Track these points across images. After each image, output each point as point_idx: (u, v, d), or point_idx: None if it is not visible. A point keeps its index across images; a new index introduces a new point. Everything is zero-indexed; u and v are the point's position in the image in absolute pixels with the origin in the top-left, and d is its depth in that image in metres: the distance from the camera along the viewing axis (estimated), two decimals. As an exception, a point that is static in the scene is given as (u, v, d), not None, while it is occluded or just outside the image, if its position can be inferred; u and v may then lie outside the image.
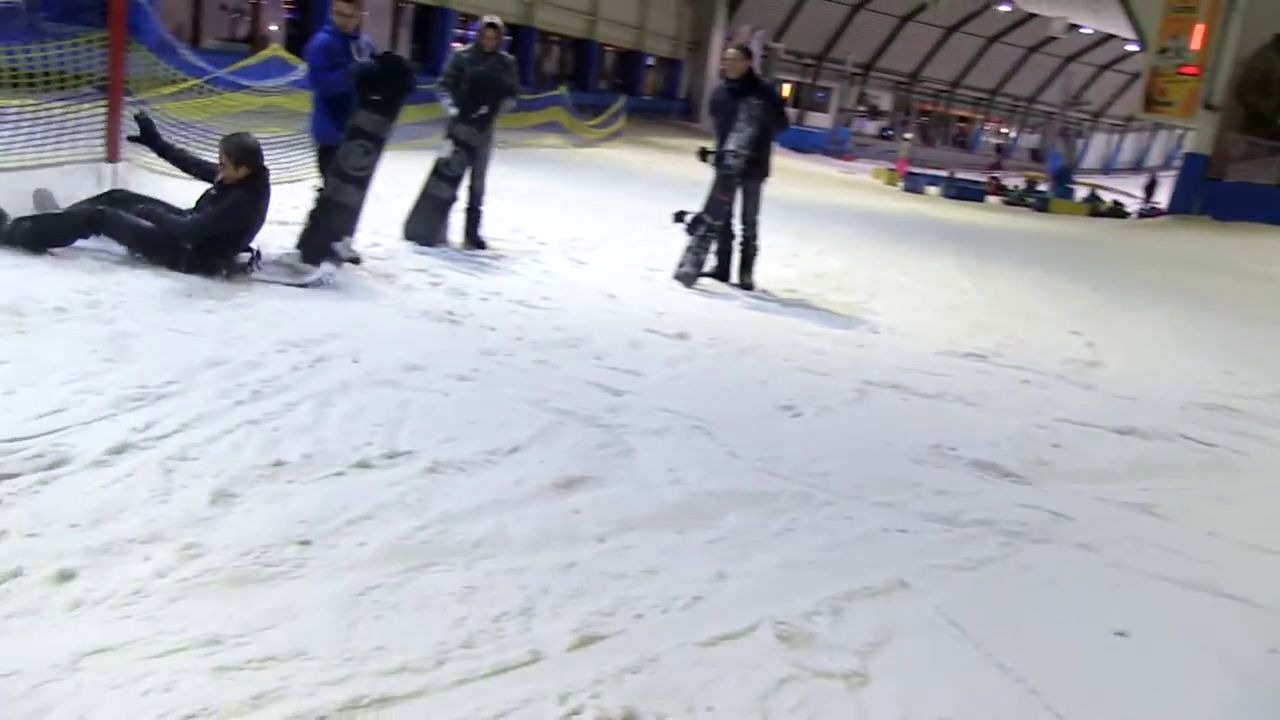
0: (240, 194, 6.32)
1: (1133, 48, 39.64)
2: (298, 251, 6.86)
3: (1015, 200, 29.66)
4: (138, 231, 6.14)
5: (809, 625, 3.01)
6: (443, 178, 8.45)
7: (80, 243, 6.14)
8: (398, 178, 7.42)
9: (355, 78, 6.94)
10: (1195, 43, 24.40)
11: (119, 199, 6.37)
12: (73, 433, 3.60)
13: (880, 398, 5.74)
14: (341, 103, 7.11)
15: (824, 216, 16.31)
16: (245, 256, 6.41)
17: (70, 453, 3.43)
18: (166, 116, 8.13)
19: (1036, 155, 59.33)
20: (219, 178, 6.45)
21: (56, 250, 6.00)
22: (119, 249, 6.17)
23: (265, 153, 6.38)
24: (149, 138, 6.69)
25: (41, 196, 6.38)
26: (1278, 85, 23.53)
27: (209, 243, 6.21)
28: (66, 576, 2.71)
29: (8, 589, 2.63)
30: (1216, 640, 3.27)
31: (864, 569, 3.44)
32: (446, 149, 8.45)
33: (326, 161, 7.24)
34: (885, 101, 59.15)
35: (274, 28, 23.26)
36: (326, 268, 6.63)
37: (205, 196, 6.45)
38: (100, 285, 5.51)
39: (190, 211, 6.37)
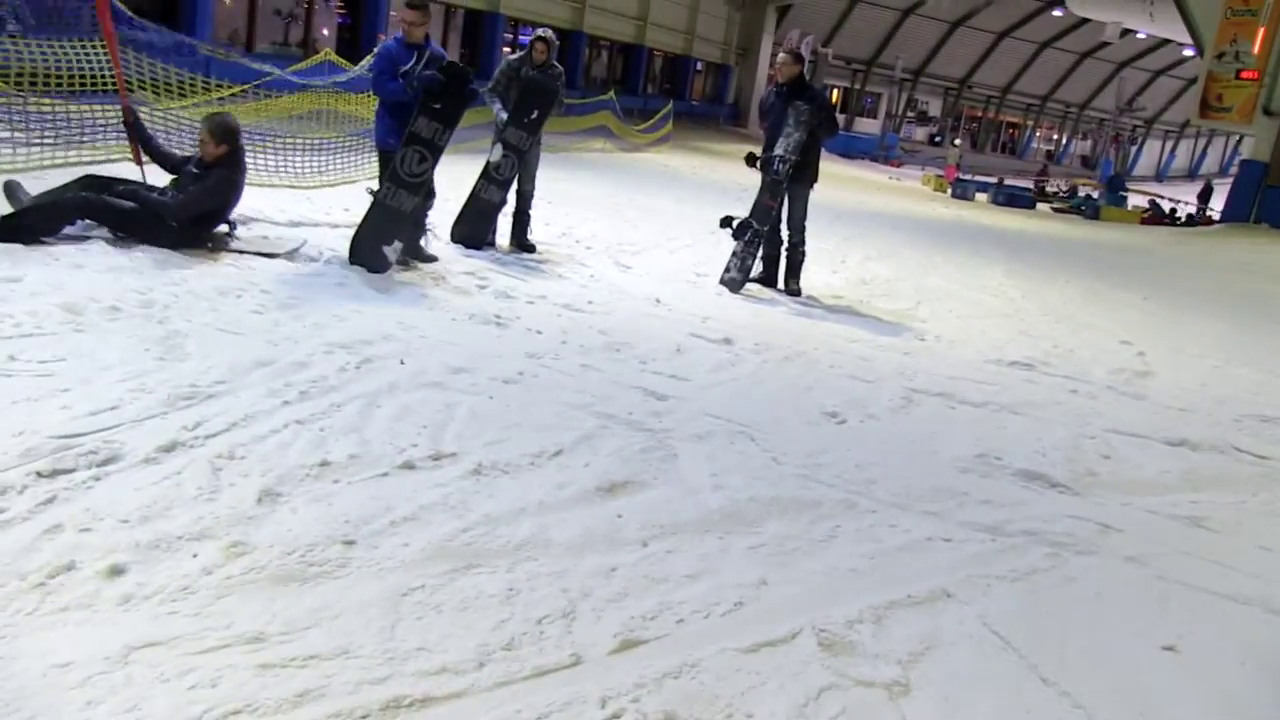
0: (222, 172, 6.67)
1: (1189, 53, 39.07)
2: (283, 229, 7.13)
3: (1073, 208, 29.37)
4: (122, 213, 6.40)
5: (851, 633, 3.00)
6: (491, 181, 8.51)
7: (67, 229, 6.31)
8: (447, 181, 7.48)
9: (417, 90, 7.01)
10: (1256, 46, 23.96)
11: (94, 184, 6.58)
12: (125, 430, 3.66)
13: (926, 406, 5.70)
14: (402, 111, 7.18)
15: (872, 223, 16.23)
16: (224, 228, 6.83)
17: (122, 450, 3.49)
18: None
19: (1088, 162, 58.72)
20: (198, 156, 6.78)
21: (52, 240, 6.13)
22: (102, 232, 6.37)
23: (316, 156, 6.53)
24: (138, 126, 7.00)
25: (11, 188, 6.55)
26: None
27: (193, 219, 6.55)
28: (117, 571, 2.76)
29: (61, 582, 2.68)
30: (1268, 658, 3.21)
31: (907, 578, 3.42)
32: (496, 153, 8.51)
33: (387, 167, 7.31)
34: (934, 107, 58.83)
35: (326, 32, 23.50)
36: (301, 240, 7.01)
37: (185, 176, 6.74)
38: (154, 285, 5.60)
39: (169, 190, 6.67)
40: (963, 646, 3.03)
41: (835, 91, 50.86)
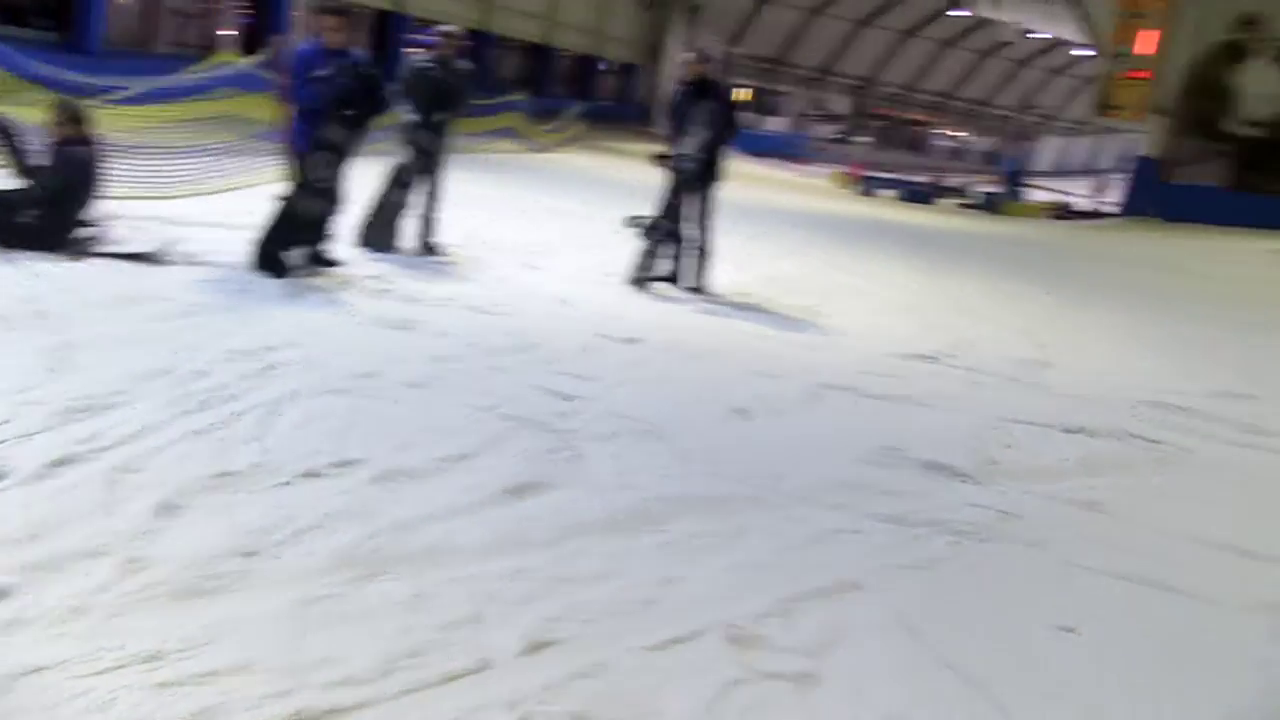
0: (70, 148, 6.59)
1: (1087, 52, 40.10)
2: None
3: (976, 204, 29.92)
4: None
5: (759, 628, 3.02)
6: (398, 184, 8.41)
7: None
8: (354, 184, 7.37)
9: (327, 95, 6.89)
10: (1146, 48, 24.89)
11: None
12: (13, 445, 3.54)
13: (832, 400, 5.76)
14: (314, 116, 7.05)
15: (779, 220, 16.34)
16: (88, 232, 6.63)
17: (9, 466, 3.37)
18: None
19: (990, 158, 59.97)
20: (49, 140, 6.70)
21: None
22: None
23: (211, 160, 6.41)
24: (8, 134, 6.77)
25: None
26: (1219, 90, 24.21)
27: (51, 209, 6.41)
28: (2, 594, 2.66)
29: (-58, 608, 2.59)
30: (1164, 635, 3.33)
31: (815, 571, 3.46)
32: (403, 155, 8.41)
33: (297, 171, 7.17)
34: (842, 106, 59.53)
35: (227, 32, 23.02)
36: (174, 238, 6.88)
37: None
38: (46, 294, 5.43)
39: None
40: (871, 637, 3.08)
41: (743, 90, 51.21)
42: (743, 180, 13.99)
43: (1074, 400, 6.43)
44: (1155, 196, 24.29)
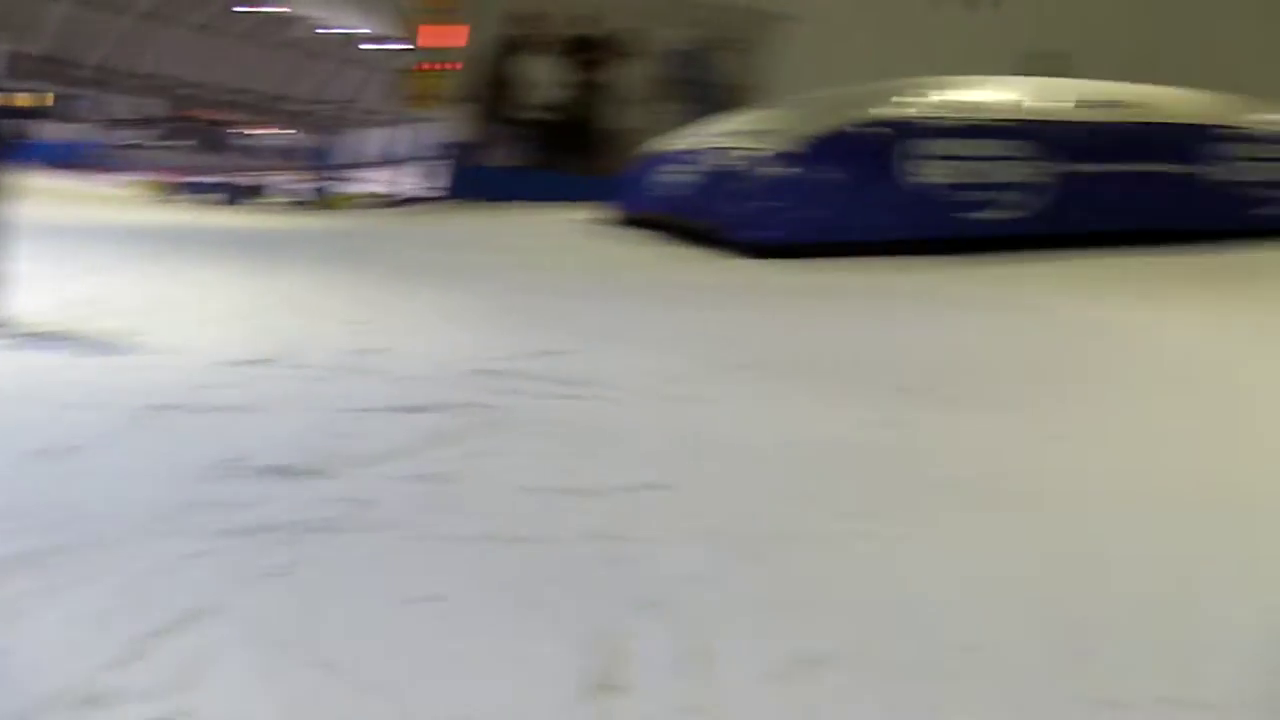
0: None
1: (393, 46, 41.75)
2: None
3: (304, 200, 30.01)
4: None
5: (113, 678, 2.79)
6: None
7: None
8: None
9: None
10: (451, 41, 26.88)
11: None
12: None
13: (161, 421, 5.45)
14: None
15: (89, 237, 15.08)
16: None
17: None
18: None
19: (312, 154, 60.40)
20: None
21: None
22: None
23: None
24: None
25: None
26: (508, 80, 26.75)
27: None
28: None
29: None
30: (516, 583, 3.58)
31: (167, 603, 3.25)
32: None
33: None
34: (149, 108, 56.44)
35: None
36: None
37: None
38: None
39: None
40: (242, 656, 2.97)
41: (33, 95, 46.63)
42: (39, 196, 12.67)
43: (412, 381, 6.69)
44: (473, 180, 26.19)
